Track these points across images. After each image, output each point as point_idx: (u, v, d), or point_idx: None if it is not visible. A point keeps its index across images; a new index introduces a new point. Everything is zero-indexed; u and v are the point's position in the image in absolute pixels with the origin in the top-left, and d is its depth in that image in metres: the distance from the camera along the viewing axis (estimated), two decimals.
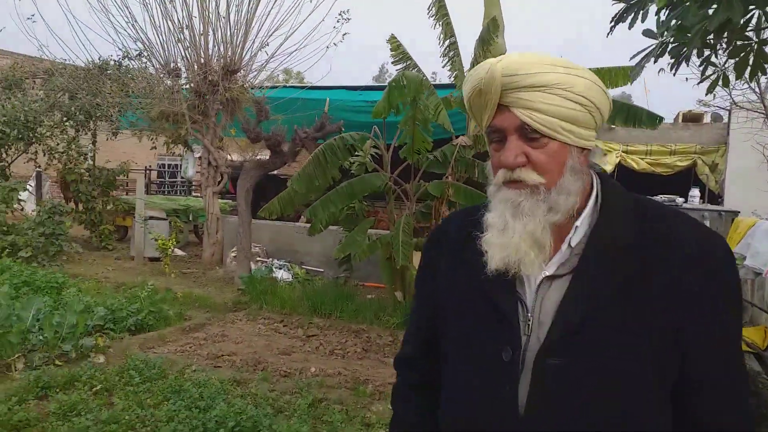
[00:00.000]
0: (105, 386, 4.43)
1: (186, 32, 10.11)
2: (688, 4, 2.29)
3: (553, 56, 1.04)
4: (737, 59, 3.25)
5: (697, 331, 1.02)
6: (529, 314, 1.08)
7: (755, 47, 3.13)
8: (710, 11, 2.35)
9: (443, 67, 7.66)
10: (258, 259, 9.50)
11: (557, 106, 1.01)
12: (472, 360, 1.14)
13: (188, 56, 10.22)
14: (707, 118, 12.80)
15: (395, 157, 7.35)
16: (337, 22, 11.24)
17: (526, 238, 1.04)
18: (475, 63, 6.67)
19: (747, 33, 3.04)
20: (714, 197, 11.10)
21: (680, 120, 13.04)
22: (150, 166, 18.42)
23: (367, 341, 6.21)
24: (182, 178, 18.65)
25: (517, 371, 1.06)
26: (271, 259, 9.58)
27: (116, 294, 6.83)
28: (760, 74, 3.29)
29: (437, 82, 9.52)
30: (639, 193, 1.16)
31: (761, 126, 8.50)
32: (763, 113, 8.04)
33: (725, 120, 11.23)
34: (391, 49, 7.39)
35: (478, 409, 1.11)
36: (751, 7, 2.28)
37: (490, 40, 6.62)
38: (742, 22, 2.65)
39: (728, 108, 9.73)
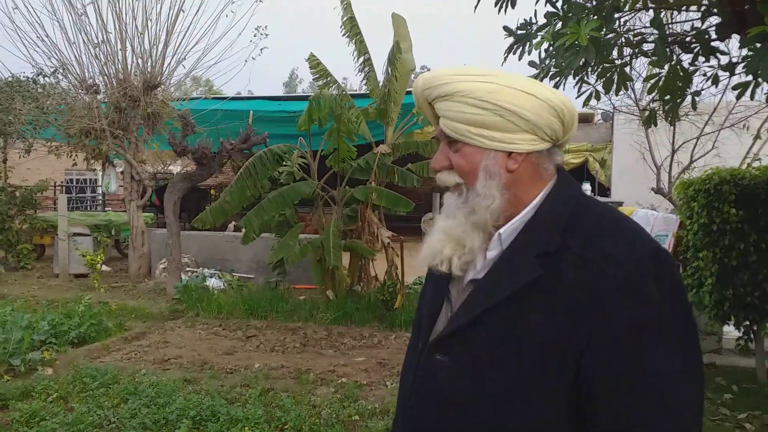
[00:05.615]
0: (60, 394, 4.65)
1: (102, 47, 10.15)
2: (557, 45, 2.99)
3: (465, 67, 1.09)
4: (604, 78, 4.10)
5: (597, 361, 0.94)
6: (450, 314, 1.12)
7: (618, 68, 3.98)
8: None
9: (361, 82, 8.26)
10: (188, 269, 9.69)
11: (461, 113, 1.06)
12: (409, 355, 1.23)
13: (106, 71, 10.25)
14: (598, 117, 14.21)
15: (321, 165, 7.88)
16: (254, 36, 11.63)
17: (442, 237, 1.09)
18: (387, 78, 7.35)
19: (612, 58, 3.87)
20: (604, 190, 12.45)
21: None
22: (58, 182, 17.82)
23: (304, 337, 6.69)
24: (93, 193, 18.18)
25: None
26: (201, 268, 9.79)
27: (52, 310, 6.90)
28: (623, 89, 4.16)
29: (348, 87, 10.10)
30: None
31: (637, 127, 9.74)
32: (638, 116, 9.24)
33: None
34: (310, 66, 7.85)
35: (400, 401, 1.20)
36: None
37: (394, 59, 7.27)
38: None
39: (611, 111, 11.01)
